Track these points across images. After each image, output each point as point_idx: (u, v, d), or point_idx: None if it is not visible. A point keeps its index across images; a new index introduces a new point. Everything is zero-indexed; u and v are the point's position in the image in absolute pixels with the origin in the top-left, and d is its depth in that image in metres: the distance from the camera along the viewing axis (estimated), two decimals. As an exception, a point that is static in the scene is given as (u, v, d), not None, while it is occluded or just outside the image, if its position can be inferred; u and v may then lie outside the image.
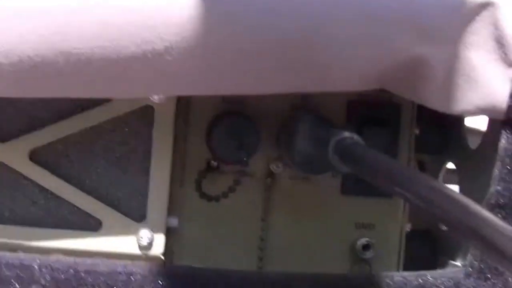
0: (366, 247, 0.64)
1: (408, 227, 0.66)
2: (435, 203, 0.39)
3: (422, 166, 0.75)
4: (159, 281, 0.54)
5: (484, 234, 0.36)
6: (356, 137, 0.53)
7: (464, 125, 0.66)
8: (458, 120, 0.66)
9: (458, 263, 0.62)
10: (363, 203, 0.65)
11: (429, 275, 0.56)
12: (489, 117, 0.56)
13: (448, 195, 0.39)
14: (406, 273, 0.56)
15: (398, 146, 0.64)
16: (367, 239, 0.64)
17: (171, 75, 0.52)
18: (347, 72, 0.54)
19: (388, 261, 0.65)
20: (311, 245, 0.64)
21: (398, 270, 0.64)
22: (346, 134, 0.53)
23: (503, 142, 0.54)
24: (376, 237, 0.65)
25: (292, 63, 0.52)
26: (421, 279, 0.55)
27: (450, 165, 0.70)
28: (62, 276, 0.54)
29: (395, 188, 0.44)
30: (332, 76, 0.54)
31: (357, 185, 0.64)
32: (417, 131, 0.65)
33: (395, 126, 0.64)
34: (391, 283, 0.55)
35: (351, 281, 0.55)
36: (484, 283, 0.55)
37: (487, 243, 0.36)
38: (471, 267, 0.56)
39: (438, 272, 0.56)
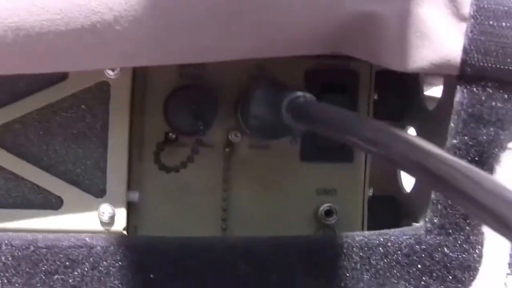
0: (328, 212, 0.64)
1: (370, 192, 0.67)
2: (381, 143, 0.40)
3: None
4: (120, 252, 0.54)
5: (429, 166, 0.36)
6: (308, 95, 0.53)
7: (422, 89, 0.66)
8: (416, 83, 0.66)
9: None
10: (324, 169, 0.65)
11: (391, 234, 0.56)
12: (444, 73, 0.56)
13: (393, 133, 0.39)
14: (367, 232, 0.56)
15: (356, 111, 0.65)
16: (329, 204, 0.64)
17: (123, 45, 0.52)
18: (298, 34, 0.54)
19: (352, 226, 0.65)
20: (274, 214, 0.64)
21: (362, 234, 0.65)
22: (299, 93, 0.53)
23: (458, 96, 0.54)
24: (339, 202, 0.65)
25: (242, 27, 0.52)
26: (383, 238, 0.56)
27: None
28: (23, 253, 0.53)
29: (345, 136, 0.44)
30: (283, 39, 0.54)
31: (317, 151, 0.64)
32: (375, 97, 0.65)
33: (353, 93, 0.65)
34: (352, 242, 0.55)
35: (313, 242, 0.55)
36: (445, 239, 0.55)
37: (432, 175, 0.36)
38: (431, 223, 0.56)
39: (399, 230, 0.56)
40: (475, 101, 0.53)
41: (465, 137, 0.54)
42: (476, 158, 0.54)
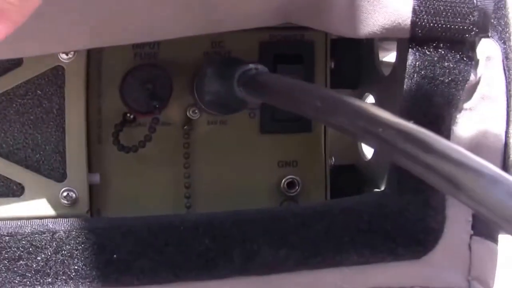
0: (290, 184, 0.65)
1: (332, 162, 0.67)
2: (327, 111, 0.40)
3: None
4: (82, 235, 0.54)
5: (375, 131, 0.36)
6: (260, 67, 0.53)
7: (378, 55, 0.66)
8: (371, 50, 0.67)
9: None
10: (284, 141, 0.65)
11: (351, 201, 0.56)
12: (395, 37, 0.56)
13: (339, 101, 0.40)
14: (328, 201, 0.56)
15: (314, 81, 0.65)
16: (291, 176, 0.65)
17: (77, 27, 0.52)
18: (251, 7, 0.54)
19: (315, 196, 0.65)
20: (237, 189, 0.65)
21: (325, 204, 0.65)
22: (250, 66, 0.53)
23: (410, 59, 0.54)
24: (301, 173, 0.65)
25: (194, 2, 0.52)
26: (343, 206, 0.56)
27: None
28: None
29: (294, 106, 0.44)
30: (237, 13, 0.54)
31: (276, 123, 0.64)
32: (332, 66, 0.66)
33: (309, 63, 0.65)
34: (312, 212, 0.55)
35: (273, 213, 0.56)
36: (405, 203, 0.55)
37: (380, 139, 0.36)
38: (390, 189, 0.56)
39: (359, 196, 0.57)
40: (428, 63, 0.53)
41: (419, 100, 0.54)
42: (432, 120, 0.54)
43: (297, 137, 0.65)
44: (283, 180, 0.65)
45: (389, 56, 0.69)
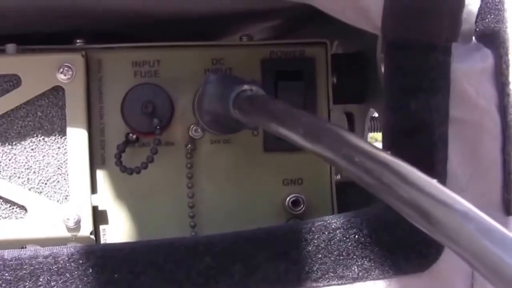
0: (295, 202, 0.64)
1: (337, 178, 0.66)
2: (311, 138, 0.40)
3: (350, 118, 0.76)
4: (84, 257, 0.54)
5: (355, 162, 0.36)
6: (255, 88, 0.53)
7: (380, 69, 0.66)
8: (373, 64, 0.66)
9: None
10: (288, 159, 0.64)
11: (350, 215, 0.56)
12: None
13: (324, 129, 0.39)
14: (327, 217, 0.55)
15: (316, 97, 0.64)
16: (295, 194, 0.64)
17: None
18: None
19: (322, 213, 0.64)
20: (242, 207, 0.64)
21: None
22: (245, 87, 0.53)
23: (386, 70, 0.54)
24: (306, 191, 0.65)
25: None
26: (342, 220, 0.55)
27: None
28: None
29: (280, 130, 0.44)
30: None
31: (280, 142, 0.63)
32: (334, 81, 0.65)
33: (310, 78, 0.64)
34: (312, 227, 0.55)
35: (273, 231, 0.55)
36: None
37: (359, 172, 0.36)
38: None
39: (358, 211, 0.56)
40: (402, 71, 0.53)
41: (398, 109, 0.53)
42: (415, 130, 0.53)
43: (302, 154, 0.64)
44: (288, 198, 0.64)
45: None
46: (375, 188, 0.35)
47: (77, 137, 0.60)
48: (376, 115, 0.70)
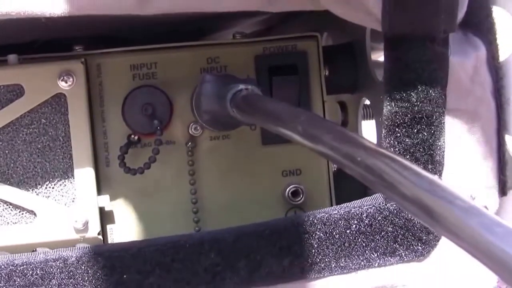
0: (295, 193, 0.66)
1: (335, 167, 0.68)
2: (310, 137, 0.41)
3: (343, 107, 0.77)
4: (93, 259, 0.55)
5: (356, 161, 0.37)
6: (251, 87, 0.54)
7: (370, 58, 0.67)
8: (363, 54, 0.68)
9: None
10: (286, 151, 0.66)
11: (351, 206, 0.57)
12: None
13: (322, 127, 0.41)
14: (328, 208, 0.57)
15: (310, 89, 0.66)
16: (295, 185, 0.66)
17: None
18: None
19: (321, 203, 0.66)
20: (244, 201, 0.66)
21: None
22: (241, 86, 0.54)
23: (386, 62, 0.55)
24: (305, 181, 0.66)
25: None
26: (343, 211, 0.57)
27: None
28: (3, 273, 0.55)
29: (280, 130, 0.45)
30: None
31: (277, 135, 0.65)
32: (326, 73, 0.67)
33: (303, 72, 0.66)
34: (313, 220, 0.56)
35: (275, 225, 0.57)
36: None
37: (360, 170, 0.37)
38: None
39: (359, 201, 0.57)
40: (401, 64, 0.54)
41: (399, 102, 0.55)
42: (417, 122, 0.55)
43: (299, 146, 0.65)
44: (287, 189, 0.66)
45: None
46: (377, 186, 0.36)
47: (81, 141, 0.62)
48: (368, 102, 0.72)
